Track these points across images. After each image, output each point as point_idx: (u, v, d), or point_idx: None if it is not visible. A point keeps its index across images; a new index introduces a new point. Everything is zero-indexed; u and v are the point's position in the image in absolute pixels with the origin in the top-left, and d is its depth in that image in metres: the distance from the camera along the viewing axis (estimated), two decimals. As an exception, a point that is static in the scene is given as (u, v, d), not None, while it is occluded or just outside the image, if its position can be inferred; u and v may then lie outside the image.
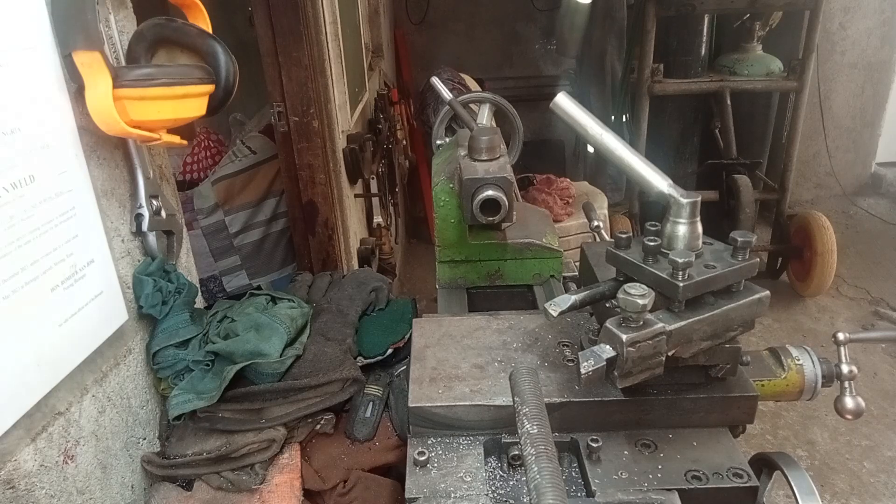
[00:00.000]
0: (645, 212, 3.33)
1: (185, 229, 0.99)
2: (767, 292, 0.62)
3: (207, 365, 0.85)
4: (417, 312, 1.03)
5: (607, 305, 0.67)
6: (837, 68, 4.02)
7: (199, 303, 1.00)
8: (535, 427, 0.51)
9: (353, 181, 2.32)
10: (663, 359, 0.58)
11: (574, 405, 0.68)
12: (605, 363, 0.56)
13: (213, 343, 0.85)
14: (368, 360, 0.92)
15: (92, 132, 0.74)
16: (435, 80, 0.95)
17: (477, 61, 4.70)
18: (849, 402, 0.77)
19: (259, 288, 1.01)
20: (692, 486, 0.62)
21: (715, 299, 0.61)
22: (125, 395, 0.83)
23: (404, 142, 3.70)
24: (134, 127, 0.71)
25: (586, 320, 0.80)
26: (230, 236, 2.30)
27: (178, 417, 0.81)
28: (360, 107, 2.55)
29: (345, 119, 2.21)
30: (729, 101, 3.20)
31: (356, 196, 2.48)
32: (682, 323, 0.58)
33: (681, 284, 0.57)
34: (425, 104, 2.86)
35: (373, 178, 2.66)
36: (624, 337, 0.55)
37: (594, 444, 0.65)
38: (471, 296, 1.05)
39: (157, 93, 0.72)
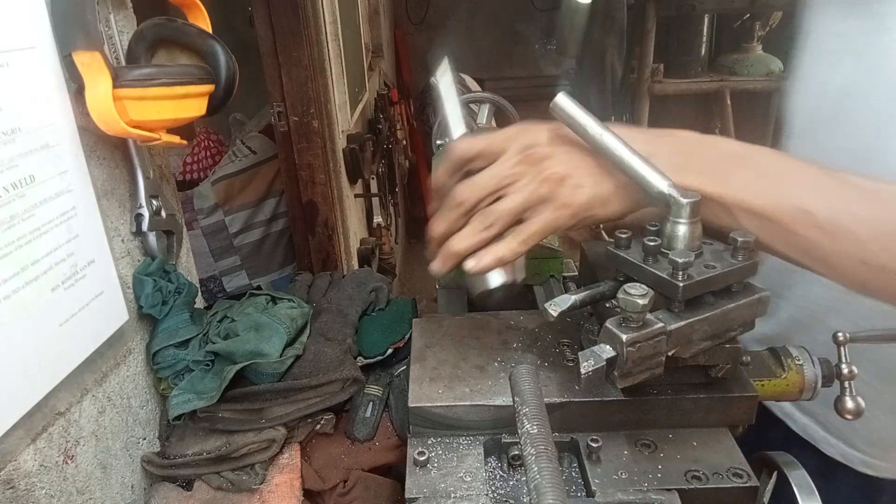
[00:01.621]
0: (645, 212, 3.32)
1: (185, 229, 0.99)
2: (768, 292, 0.62)
3: (207, 365, 0.85)
4: (417, 312, 1.03)
5: (607, 305, 0.67)
6: (837, 68, 4.00)
7: (199, 303, 1.00)
8: (535, 427, 0.51)
9: (353, 181, 2.32)
10: (663, 359, 0.58)
11: (574, 405, 0.68)
12: (605, 363, 0.55)
13: (214, 343, 0.85)
14: (368, 360, 0.92)
15: (92, 132, 0.74)
16: (435, 80, 0.95)
17: (477, 61, 4.70)
18: (849, 402, 0.77)
19: (259, 288, 1.01)
20: (692, 486, 0.62)
21: (715, 299, 0.61)
22: (125, 396, 0.83)
23: (404, 142, 3.70)
24: (134, 127, 0.71)
25: (586, 320, 0.80)
26: (230, 236, 2.30)
27: (178, 417, 0.81)
28: (360, 107, 2.55)
29: (345, 119, 2.21)
30: (729, 101, 3.20)
31: (356, 196, 2.48)
32: (682, 323, 0.58)
33: (681, 284, 0.57)
34: (425, 104, 2.86)
35: (373, 178, 2.66)
36: (624, 337, 0.55)
37: (594, 444, 0.65)
38: (471, 296, 1.05)
39: (157, 93, 0.72)
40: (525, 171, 0.63)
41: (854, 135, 0.87)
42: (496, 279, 0.66)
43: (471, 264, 0.63)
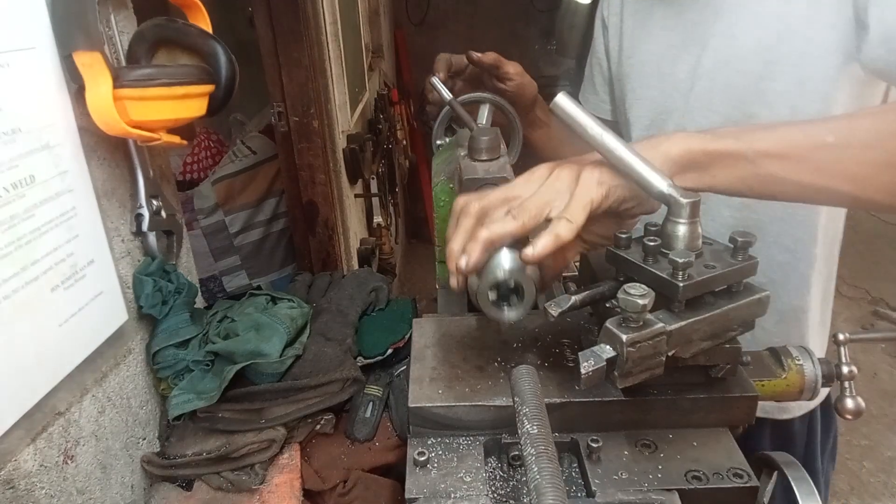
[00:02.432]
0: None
1: (185, 229, 0.99)
2: (768, 292, 0.62)
3: (207, 365, 0.85)
4: (417, 312, 1.03)
5: (607, 305, 0.67)
6: (837, 68, 4.01)
7: (199, 303, 1.00)
8: (535, 427, 0.51)
9: (353, 181, 2.32)
10: (663, 359, 0.58)
11: (574, 405, 0.68)
12: (605, 363, 0.55)
13: (214, 343, 0.85)
14: (368, 360, 0.92)
15: (92, 132, 0.74)
16: (435, 80, 0.95)
17: (477, 61, 4.68)
18: (849, 403, 0.77)
19: (259, 288, 1.01)
20: (692, 486, 0.62)
21: (715, 299, 0.61)
22: (125, 395, 0.83)
23: (404, 142, 3.70)
24: (134, 127, 0.71)
25: (586, 320, 0.80)
26: (230, 236, 2.30)
27: (178, 417, 0.81)
28: (360, 107, 2.55)
29: (345, 119, 2.21)
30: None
31: (356, 196, 2.48)
32: (682, 323, 0.58)
33: (681, 284, 0.57)
34: (425, 104, 2.86)
35: (373, 178, 2.66)
36: (624, 337, 0.55)
37: (594, 444, 0.65)
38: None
39: (158, 93, 0.72)
40: (536, 184, 0.64)
41: (717, 112, 0.96)
42: (513, 315, 0.64)
43: (528, 251, 0.59)
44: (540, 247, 0.59)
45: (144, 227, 0.86)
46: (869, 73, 0.84)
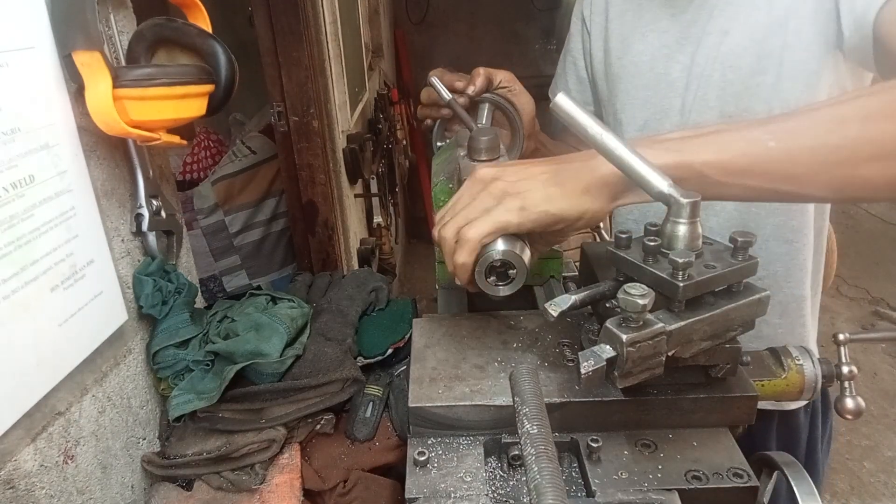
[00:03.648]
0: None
1: (185, 229, 0.99)
2: (768, 292, 0.62)
3: (207, 365, 0.85)
4: (417, 312, 1.03)
5: (607, 305, 0.67)
6: (837, 68, 4.00)
7: (199, 303, 1.00)
8: (535, 427, 0.51)
9: (353, 181, 2.32)
10: (663, 359, 0.58)
11: (574, 405, 0.68)
12: (605, 363, 0.55)
13: (214, 343, 0.85)
14: (368, 360, 0.92)
15: (92, 132, 0.74)
16: (435, 80, 0.95)
17: (477, 61, 4.69)
18: (849, 403, 0.77)
19: (259, 288, 1.01)
20: (692, 486, 0.62)
21: (715, 299, 0.61)
22: (125, 395, 0.83)
23: (404, 142, 3.70)
24: (134, 127, 0.71)
25: (586, 320, 0.80)
26: (230, 236, 2.30)
27: (178, 418, 0.81)
28: (360, 107, 2.55)
29: (345, 119, 2.21)
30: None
31: (356, 196, 2.48)
32: (682, 323, 0.58)
33: (681, 284, 0.57)
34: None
35: (373, 178, 2.66)
36: (624, 337, 0.55)
37: (594, 444, 0.65)
38: (471, 296, 1.05)
39: (157, 93, 0.72)
40: (476, 193, 0.67)
41: (712, 108, 0.97)
42: (507, 290, 0.70)
43: (457, 282, 0.68)
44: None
45: (144, 227, 0.86)
46: (851, 62, 0.86)
